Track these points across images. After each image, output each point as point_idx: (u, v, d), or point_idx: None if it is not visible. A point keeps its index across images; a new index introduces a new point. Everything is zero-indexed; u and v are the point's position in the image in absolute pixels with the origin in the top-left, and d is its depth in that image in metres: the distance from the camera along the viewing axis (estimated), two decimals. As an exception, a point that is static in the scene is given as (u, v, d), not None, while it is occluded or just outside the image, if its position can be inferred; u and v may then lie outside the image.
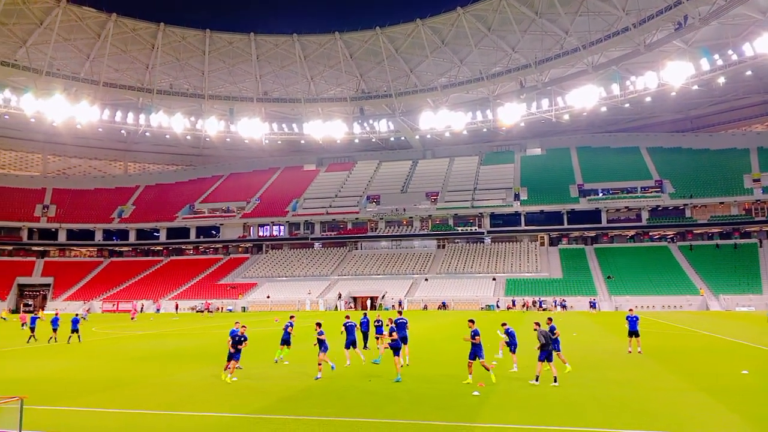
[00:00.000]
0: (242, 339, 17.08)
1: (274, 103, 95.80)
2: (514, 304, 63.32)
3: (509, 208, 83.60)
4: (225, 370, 17.28)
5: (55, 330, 31.04)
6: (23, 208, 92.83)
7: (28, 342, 31.20)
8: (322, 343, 17.42)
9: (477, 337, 15.82)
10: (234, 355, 16.91)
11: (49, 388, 16.21)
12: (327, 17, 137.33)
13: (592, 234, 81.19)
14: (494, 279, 71.45)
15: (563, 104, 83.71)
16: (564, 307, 61.38)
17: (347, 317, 20.58)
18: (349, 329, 19.84)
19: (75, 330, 30.35)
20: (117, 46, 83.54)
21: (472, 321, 16.41)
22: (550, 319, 18.57)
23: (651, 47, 71.72)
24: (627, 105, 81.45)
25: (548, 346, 15.80)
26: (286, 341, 20.25)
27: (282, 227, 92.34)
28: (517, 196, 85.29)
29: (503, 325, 18.62)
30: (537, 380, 15.81)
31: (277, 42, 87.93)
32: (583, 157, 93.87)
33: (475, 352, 15.78)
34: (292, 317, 21.28)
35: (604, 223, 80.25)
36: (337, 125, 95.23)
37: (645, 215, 78.92)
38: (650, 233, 79.41)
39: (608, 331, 33.98)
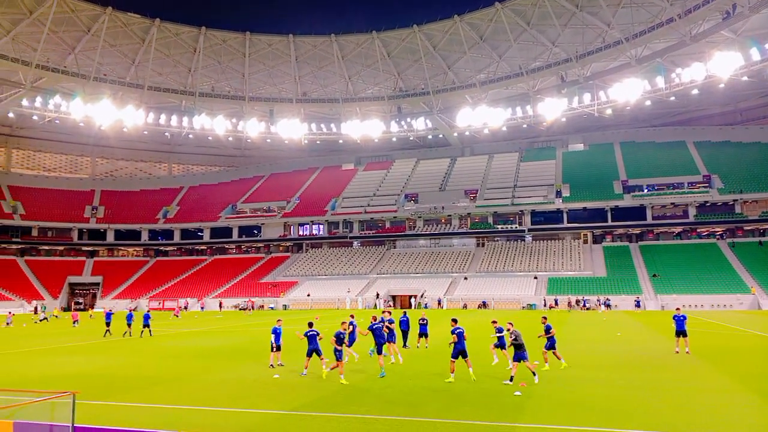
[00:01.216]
0: (343, 336, 17.03)
1: (312, 103, 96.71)
2: (556, 303, 62.29)
3: (551, 205, 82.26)
4: (330, 369, 16.85)
5: (129, 325, 33.99)
6: (74, 209, 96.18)
7: (104, 336, 33.45)
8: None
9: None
10: (339, 354, 16.35)
11: (99, 384, 16.75)
12: (363, 17, 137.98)
13: (637, 231, 79.17)
14: (536, 278, 70.43)
15: (606, 98, 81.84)
16: (608, 306, 60.06)
17: (351, 316, 21.19)
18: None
19: (146, 325, 33.37)
20: (160, 51, 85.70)
21: (455, 320, 16.74)
22: (545, 318, 18.89)
23: (697, 38, 69.43)
24: (672, 98, 79.09)
25: (521, 347, 15.71)
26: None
27: (321, 226, 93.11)
28: (558, 193, 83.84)
29: (494, 323, 18.64)
30: (511, 380, 15.63)
31: (316, 43, 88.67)
32: (627, 153, 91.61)
33: (459, 350, 16.02)
34: (352, 316, 21.51)
35: (649, 220, 78.12)
36: (374, 124, 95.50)
37: (692, 211, 76.51)
38: (698, 230, 76.90)
39: (654, 330, 33.11)
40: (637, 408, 12.85)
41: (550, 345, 18.42)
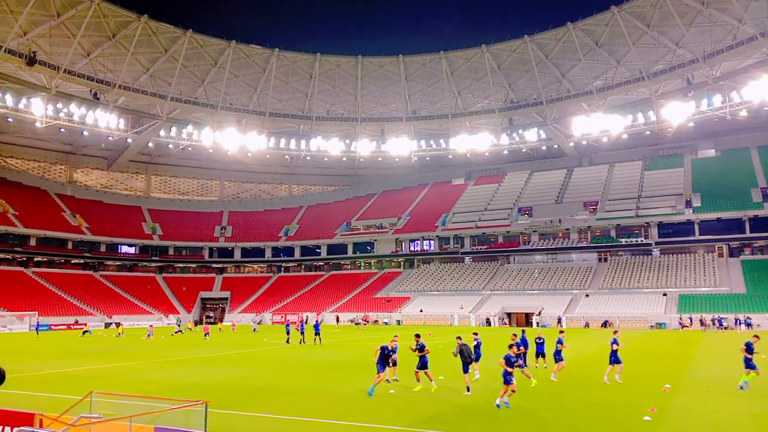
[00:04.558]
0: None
1: (422, 120, 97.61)
2: (691, 322, 57.62)
3: (680, 217, 76.53)
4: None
5: (302, 333, 40.13)
6: (205, 229, 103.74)
7: (287, 342, 39.63)
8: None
9: (425, 350, 17.81)
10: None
11: (227, 393, 17.81)
12: (470, 31, 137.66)
13: (782, 243, 71.51)
14: (665, 294, 65.65)
15: (739, 99, 74.92)
16: (749, 325, 54.62)
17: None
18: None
19: (317, 333, 39.47)
20: (279, 79, 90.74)
21: (417, 335, 18.40)
22: (514, 335, 19.48)
23: None
24: (821, 94, 70.94)
25: (469, 359, 17.81)
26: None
27: (432, 242, 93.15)
28: (688, 203, 77.87)
29: (474, 333, 20.10)
30: (468, 391, 17.22)
31: (425, 61, 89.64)
32: (766, 157, 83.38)
33: (423, 362, 17.65)
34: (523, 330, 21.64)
35: (796, 230, 70.33)
36: (484, 138, 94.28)
37: None
38: None
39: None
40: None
41: (477, 357, 19.43)
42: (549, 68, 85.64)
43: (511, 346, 15.88)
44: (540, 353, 23.51)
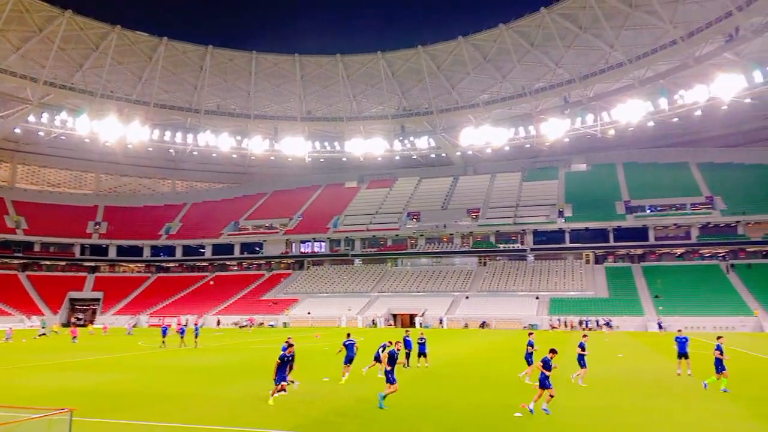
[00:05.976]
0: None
1: (317, 122, 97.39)
2: (559, 323, 61.97)
3: (553, 225, 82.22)
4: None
5: (182, 336, 38.00)
6: (76, 225, 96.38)
7: (162, 345, 37.46)
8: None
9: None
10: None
11: (96, 401, 16.66)
12: (369, 38, 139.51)
13: (639, 252, 78.97)
14: (537, 298, 70.17)
15: (609, 119, 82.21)
16: (609, 326, 59.74)
17: (348, 335, 21.83)
18: (348, 347, 20.80)
19: (196, 336, 38.64)
20: (167, 69, 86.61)
21: (290, 344, 17.40)
22: (349, 334, 21.37)
23: (700, 60, 69.93)
24: (675, 119, 79.37)
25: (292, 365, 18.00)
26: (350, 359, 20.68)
27: (323, 244, 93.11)
28: (561, 213, 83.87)
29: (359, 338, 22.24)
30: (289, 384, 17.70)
31: (321, 62, 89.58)
32: (629, 173, 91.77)
33: (281, 375, 16.28)
34: (348, 334, 21.83)
35: (651, 241, 77.98)
36: (377, 142, 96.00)
37: (695, 233, 76.34)
38: (700, 251, 76.71)
39: (656, 352, 32.87)
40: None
41: (349, 359, 20.44)
42: (440, 79, 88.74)
43: (551, 351, 15.41)
44: (422, 353, 24.29)
